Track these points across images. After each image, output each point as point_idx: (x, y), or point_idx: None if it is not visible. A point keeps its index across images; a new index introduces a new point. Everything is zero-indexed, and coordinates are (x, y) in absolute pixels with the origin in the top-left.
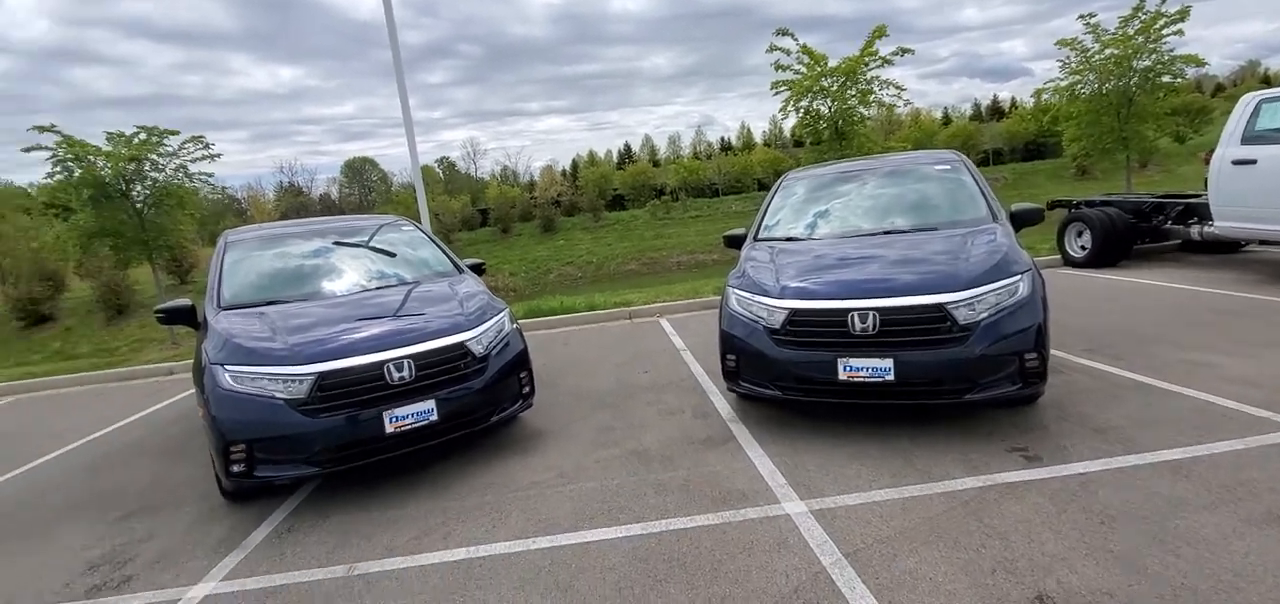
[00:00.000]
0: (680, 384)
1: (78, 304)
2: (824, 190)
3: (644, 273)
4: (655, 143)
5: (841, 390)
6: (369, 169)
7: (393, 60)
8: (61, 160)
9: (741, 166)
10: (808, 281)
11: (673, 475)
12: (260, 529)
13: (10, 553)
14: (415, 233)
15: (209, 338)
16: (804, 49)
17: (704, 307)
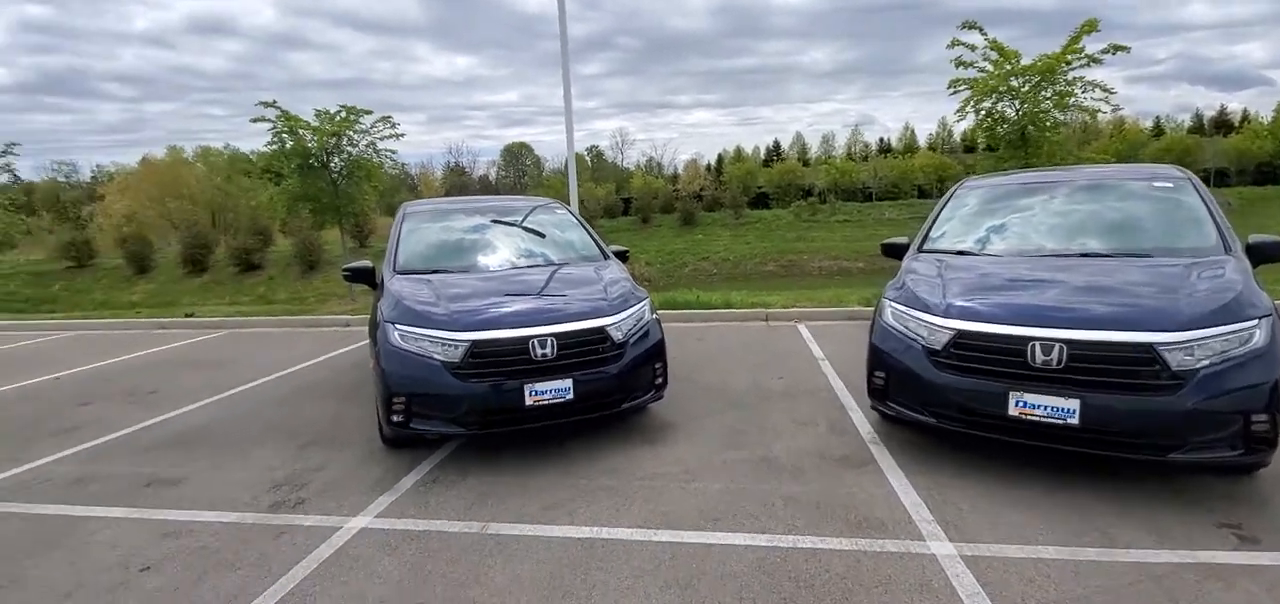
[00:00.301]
0: (816, 394)
1: (279, 257)
2: (1004, 202)
3: (781, 275)
4: (806, 140)
5: (1010, 428)
6: (524, 154)
7: (560, 51)
8: (279, 132)
9: (900, 171)
10: (979, 301)
11: (804, 490)
12: (410, 476)
13: (218, 464)
14: (566, 216)
15: (384, 298)
16: (992, 44)
17: (847, 316)
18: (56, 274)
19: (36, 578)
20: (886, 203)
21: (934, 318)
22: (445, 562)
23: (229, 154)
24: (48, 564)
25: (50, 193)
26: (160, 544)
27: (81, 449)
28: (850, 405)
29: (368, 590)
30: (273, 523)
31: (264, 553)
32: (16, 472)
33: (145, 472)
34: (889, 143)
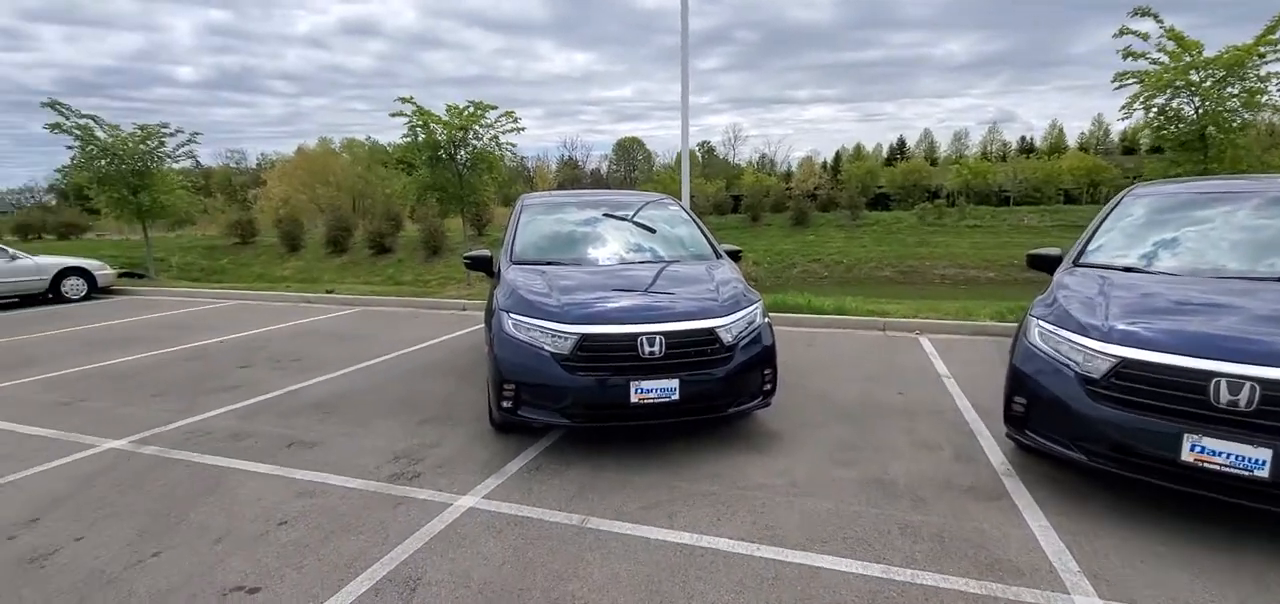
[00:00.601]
0: (940, 415)
1: (408, 241)
2: (1181, 212)
3: (899, 281)
4: (935, 138)
5: (1181, 476)
6: (636, 149)
7: (680, 46)
8: (413, 126)
9: (1045, 173)
10: (1149, 325)
11: (924, 520)
12: (516, 461)
13: (348, 431)
14: (678, 212)
15: (500, 286)
16: (1170, 32)
17: (977, 331)
18: (225, 249)
19: (194, 521)
20: (1025, 207)
21: (1092, 342)
22: (546, 551)
23: (370, 145)
24: (205, 510)
25: (223, 177)
26: (296, 502)
27: (238, 407)
28: (980, 430)
29: (473, 570)
30: (392, 493)
31: (383, 521)
32: (187, 422)
33: (287, 433)
34: (1032, 142)
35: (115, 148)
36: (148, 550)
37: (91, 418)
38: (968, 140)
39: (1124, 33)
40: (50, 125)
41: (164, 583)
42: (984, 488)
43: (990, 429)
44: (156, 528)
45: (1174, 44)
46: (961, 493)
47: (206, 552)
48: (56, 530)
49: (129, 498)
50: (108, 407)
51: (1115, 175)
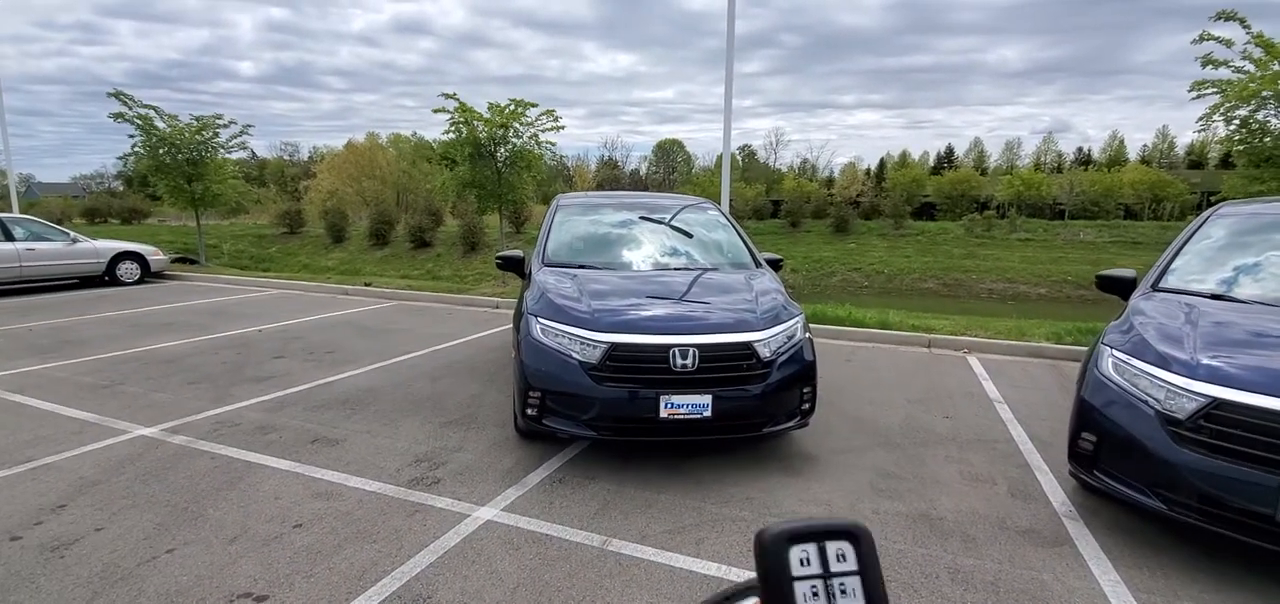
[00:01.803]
0: (993, 445)
1: (447, 237)
2: (1260, 234)
3: (943, 294)
4: (986, 147)
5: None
6: (676, 151)
7: (726, 48)
8: (456, 122)
9: (1104, 186)
10: (1245, 363)
11: (976, 564)
12: (538, 471)
13: (371, 430)
14: (717, 216)
15: (531, 289)
16: (1257, 38)
17: (1032, 353)
18: (274, 238)
19: (212, 518)
20: (1083, 221)
21: (1176, 377)
22: (563, 574)
23: (415, 141)
24: (224, 506)
25: (277, 169)
26: (313, 503)
27: (268, 399)
28: (1038, 465)
29: (486, 591)
30: (409, 499)
31: (398, 530)
32: (217, 411)
33: (312, 429)
34: (1089, 153)
35: (173, 138)
36: (163, 546)
37: (127, 403)
38: (1020, 150)
39: (1205, 38)
40: (114, 115)
41: (174, 583)
42: (1043, 531)
43: (1049, 463)
44: (175, 522)
45: (1262, 51)
46: (1018, 535)
47: (220, 551)
48: (80, 519)
49: (152, 488)
50: (144, 392)
51: (1182, 191)
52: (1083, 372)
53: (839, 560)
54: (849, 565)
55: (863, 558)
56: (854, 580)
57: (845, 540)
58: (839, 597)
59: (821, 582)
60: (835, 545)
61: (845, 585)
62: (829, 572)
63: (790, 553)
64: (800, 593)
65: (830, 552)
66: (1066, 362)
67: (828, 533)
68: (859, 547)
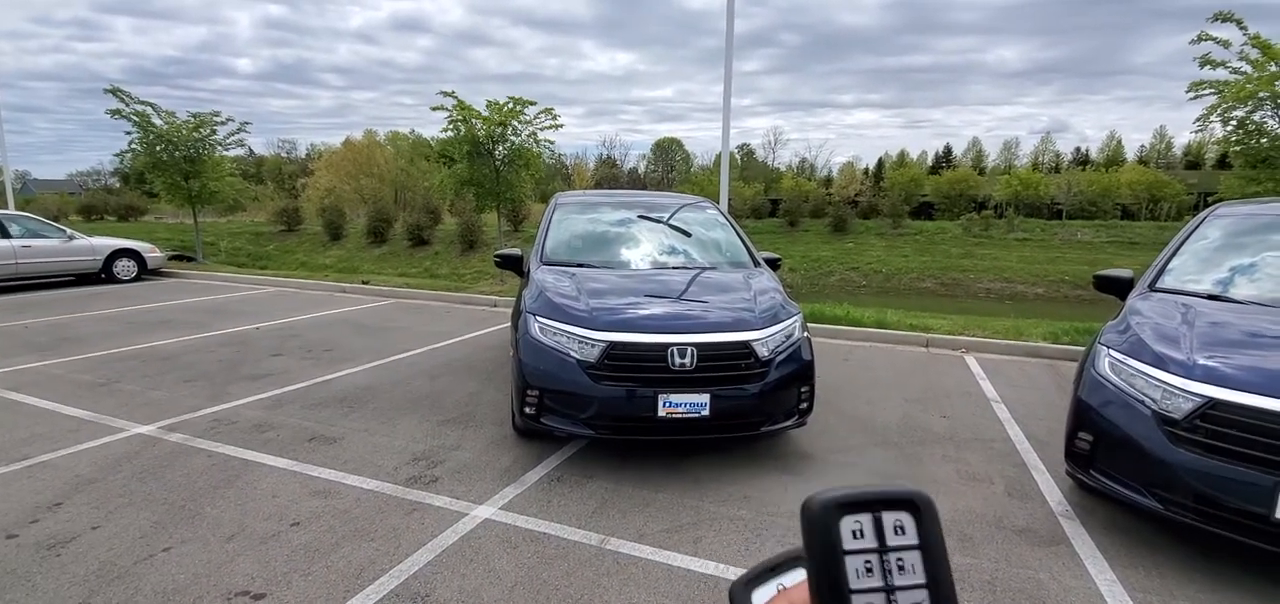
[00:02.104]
0: (989, 445)
1: (445, 234)
2: (1270, 236)
3: (940, 294)
4: (984, 147)
5: (1275, 535)
6: (674, 149)
7: (725, 48)
8: (454, 120)
9: (1101, 186)
10: (1241, 363)
11: (973, 564)
12: (536, 470)
13: (369, 428)
14: (715, 215)
15: (529, 287)
16: (1254, 39)
17: (1028, 352)
18: (271, 236)
19: (209, 516)
20: (1079, 222)
21: (1172, 377)
22: (562, 573)
23: (413, 139)
24: (221, 504)
25: (274, 166)
26: (310, 501)
27: (265, 397)
28: (1034, 464)
29: (484, 591)
30: (407, 498)
31: (396, 528)
32: (213, 410)
33: (310, 427)
34: (1087, 153)
35: (170, 135)
36: (160, 544)
37: (124, 401)
38: (1018, 150)
39: (1202, 39)
40: (111, 111)
41: (171, 582)
42: (1040, 531)
43: (1045, 462)
44: (171, 520)
45: (1259, 52)
46: (1014, 535)
47: (217, 550)
48: (76, 517)
49: (149, 487)
50: (141, 390)
51: (1179, 191)
52: (1080, 371)
53: (897, 533)
54: (908, 539)
55: (924, 530)
56: (914, 555)
57: (904, 511)
58: (896, 573)
59: (877, 556)
60: (893, 516)
61: (903, 561)
62: (885, 546)
63: (842, 524)
64: (852, 568)
65: (887, 523)
66: (1063, 361)
67: (885, 501)
68: (920, 518)
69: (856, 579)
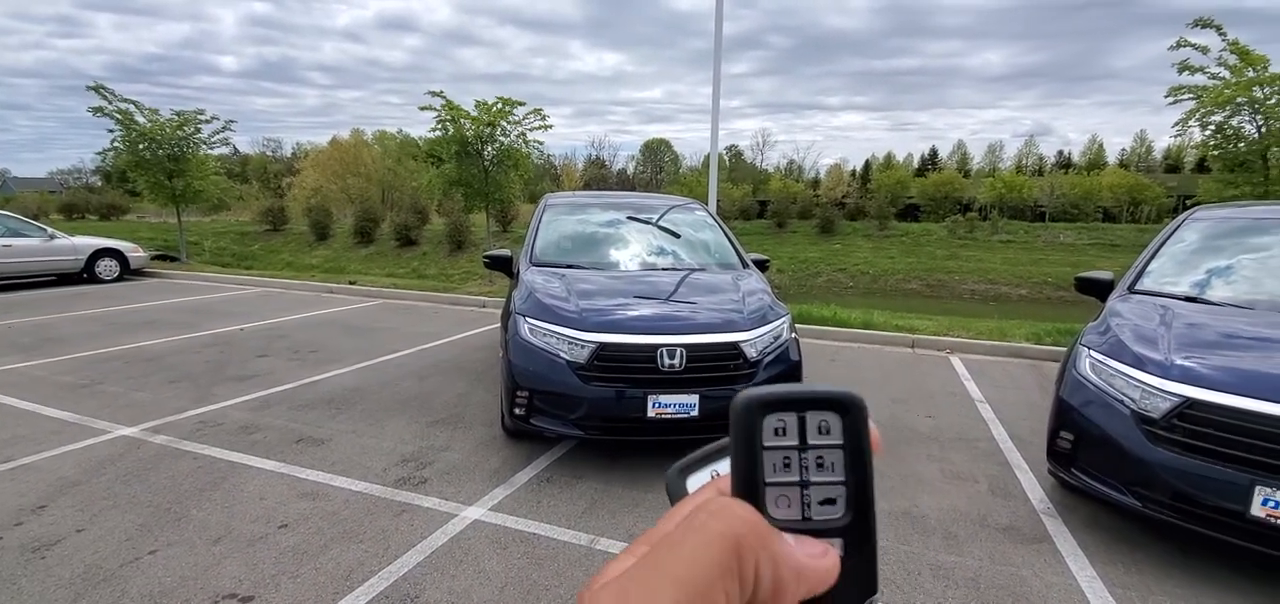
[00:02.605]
0: (974, 444)
1: (433, 235)
2: (1245, 238)
3: (926, 295)
4: (969, 150)
5: (1251, 533)
6: (663, 150)
7: (713, 49)
8: (443, 120)
9: (1083, 189)
10: (1217, 364)
11: (958, 561)
12: (525, 471)
13: (357, 429)
14: (704, 217)
15: (518, 288)
16: (1232, 45)
17: (1012, 353)
18: (256, 235)
19: (195, 519)
20: (1062, 224)
21: (1150, 377)
22: (551, 573)
23: (400, 138)
24: (207, 506)
25: (260, 165)
26: (298, 503)
27: (252, 398)
28: (1017, 463)
29: (473, 592)
30: (396, 499)
31: (384, 530)
32: (200, 411)
33: (297, 428)
34: (1069, 156)
35: (153, 133)
36: (146, 547)
37: (107, 403)
38: (1002, 153)
39: (1182, 45)
40: (93, 109)
41: (158, 584)
42: (1023, 528)
43: (1028, 461)
44: (157, 523)
45: (1237, 58)
46: (998, 533)
47: (204, 552)
48: (61, 519)
49: (134, 489)
50: (124, 392)
51: (1159, 194)
52: (1061, 372)
53: (820, 432)
54: (832, 439)
55: (849, 431)
56: (835, 454)
57: (830, 411)
58: (814, 470)
59: (796, 453)
60: (818, 416)
61: (822, 458)
62: (805, 443)
63: (765, 421)
64: (770, 463)
65: (811, 422)
66: (1046, 362)
67: (811, 401)
68: (846, 419)
69: (772, 472)
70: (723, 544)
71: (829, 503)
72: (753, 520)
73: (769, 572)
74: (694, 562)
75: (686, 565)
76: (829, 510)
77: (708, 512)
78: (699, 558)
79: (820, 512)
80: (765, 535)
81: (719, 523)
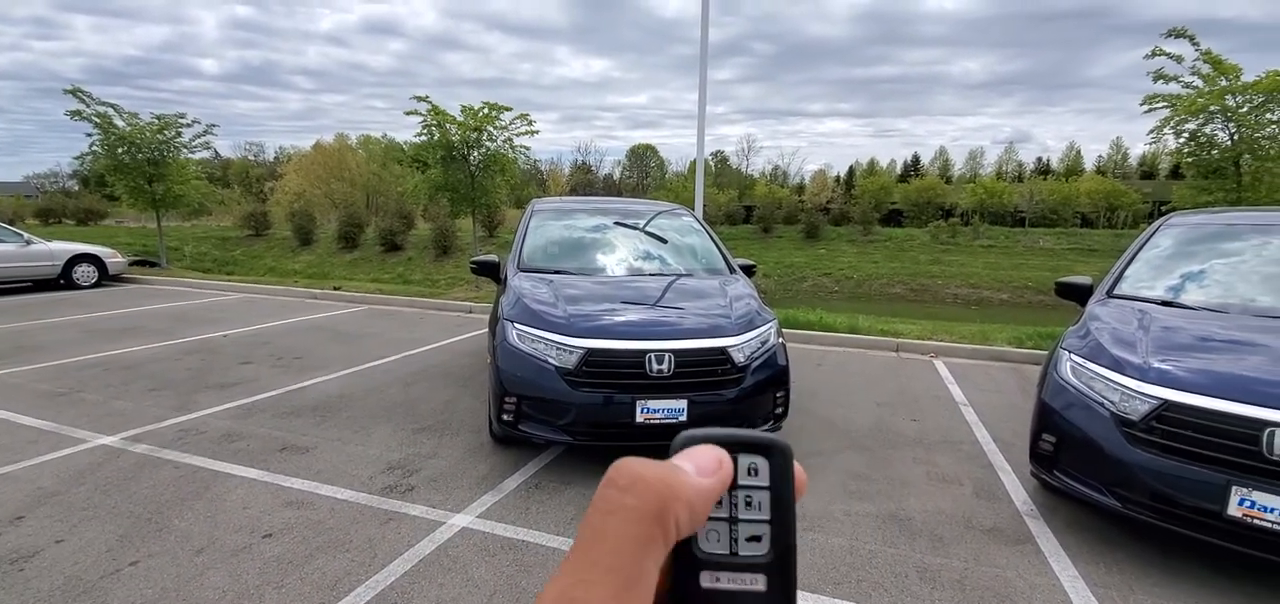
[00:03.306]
0: (958, 447)
1: (419, 240)
2: (1220, 243)
3: (910, 300)
4: (950, 156)
5: (1228, 532)
6: (649, 156)
7: (699, 56)
8: (428, 125)
9: (1062, 195)
10: (1194, 367)
11: (944, 563)
12: (514, 477)
13: (343, 437)
14: (691, 222)
15: (506, 294)
16: (1206, 55)
17: (994, 357)
18: (238, 240)
19: (177, 529)
20: (1042, 230)
21: (1129, 380)
22: (541, 580)
23: (385, 143)
24: (189, 516)
25: (241, 169)
26: (283, 512)
27: (234, 406)
28: (1001, 465)
29: (462, 599)
30: (383, 507)
31: (371, 539)
32: (180, 420)
33: (281, 436)
34: (1048, 163)
35: (132, 137)
36: (127, 558)
37: (86, 411)
38: (983, 159)
39: (1156, 54)
40: (71, 112)
41: (139, 596)
42: (1007, 530)
43: (1011, 464)
44: (139, 534)
45: (1210, 67)
46: (983, 534)
47: (186, 563)
48: (39, 531)
49: (114, 499)
50: (104, 400)
51: (1135, 200)
52: (1043, 375)
53: (750, 474)
54: (760, 481)
55: (775, 473)
56: (762, 495)
57: (759, 455)
58: (743, 507)
59: (727, 492)
60: (748, 459)
61: (751, 498)
62: (736, 483)
63: None
64: None
65: (742, 464)
66: (1028, 365)
67: (741, 445)
68: (772, 462)
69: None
70: (643, 520)
71: (755, 540)
72: (664, 480)
73: (685, 514)
74: (619, 547)
75: (614, 553)
76: (754, 547)
77: (618, 488)
78: (624, 542)
79: (747, 547)
80: (676, 488)
81: (633, 498)
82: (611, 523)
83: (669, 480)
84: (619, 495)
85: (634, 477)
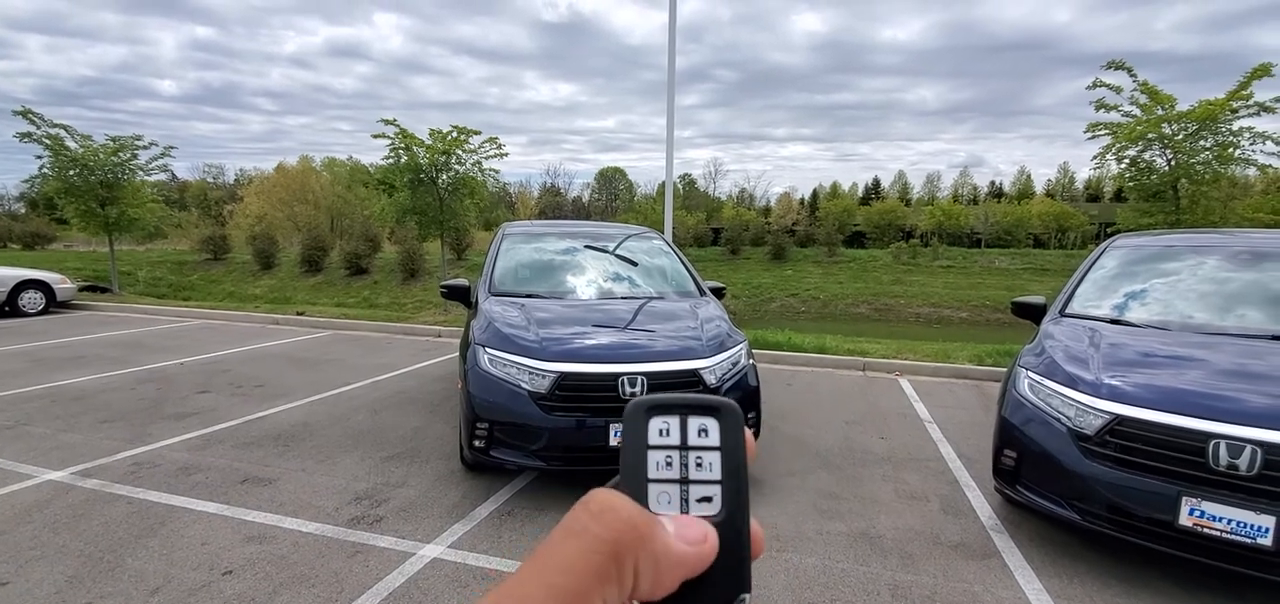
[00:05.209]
0: (925, 464)
1: (385, 263)
2: (1163, 264)
3: (875, 319)
4: (909, 180)
5: (1179, 540)
6: (618, 178)
7: (667, 83)
8: (396, 147)
9: (1014, 217)
10: (1144, 382)
11: (914, 580)
12: (486, 505)
13: (307, 467)
14: (660, 244)
15: (477, 318)
16: (1143, 86)
17: (956, 374)
18: (196, 265)
19: (131, 568)
20: (997, 250)
21: (1083, 396)
22: None
23: (351, 165)
24: (144, 555)
25: (199, 191)
26: (244, 548)
27: (191, 437)
28: (966, 481)
29: None
30: (350, 539)
31: (338, 572)
32: (133, 452)
33: (242, 468)
34: (1001, 186)
35: (86, 159)
36: (78, 599)
37: (32, 445)
38: (940, 183)
39: (1097, 85)
40: (20, 134)
41: None
42: (973, 545)
43: (976, 480)
44: (89, 574)
45: (1147, 97)
46: (950, 550)
47: None
48: None
49: (63, 538)
50: (52, 432)
51: (1083, 222)
52: (1003, 391)
53: (700, 435)
54: (710, 441)
55: (725, 434)
56: (712, 456)
57: (709, 416)
58: (693, 468)
59: (678, 453)
60: (698, 421)
61: (701, 459)
62: (686, 444)
63: (651, 423)
64: (654, 461)
65: (692, 426)
66: (989, 383)
67: (690, 407)
68: (722, 423)
69: (656, 470)
70: (601, 550)
71: (706, 500)
72: (632, 520)
73: (649, 567)
74: (570, 569)
75: (562, 573)
76: (706, 507)
77: (589, 513)
78: (576, 565)
79: (698, 508)
80: (645, 532)
81: (598, 526)
82: (571, 545)
83: (640, 524)
84: (587, 519)
85: (607, 506)
